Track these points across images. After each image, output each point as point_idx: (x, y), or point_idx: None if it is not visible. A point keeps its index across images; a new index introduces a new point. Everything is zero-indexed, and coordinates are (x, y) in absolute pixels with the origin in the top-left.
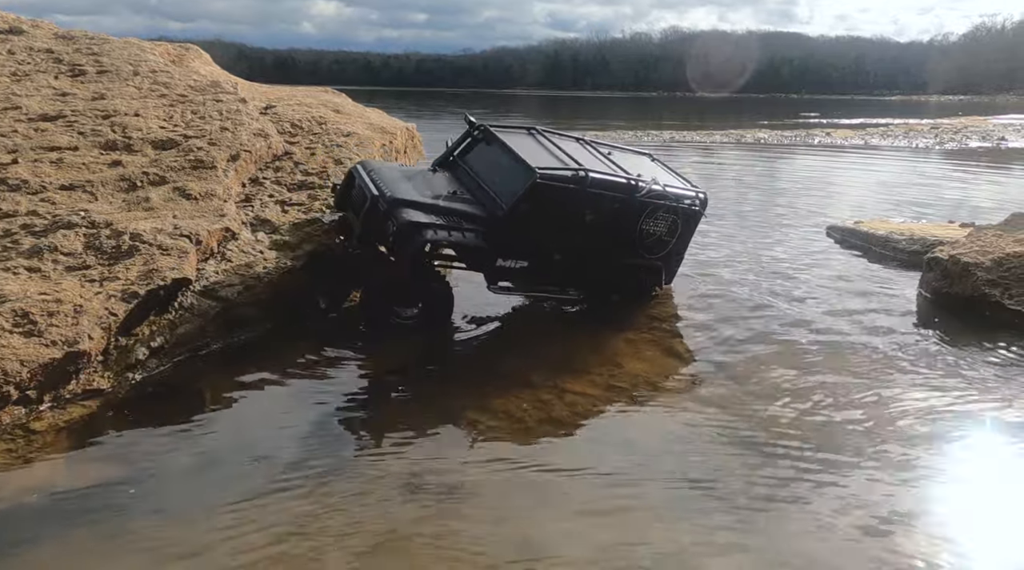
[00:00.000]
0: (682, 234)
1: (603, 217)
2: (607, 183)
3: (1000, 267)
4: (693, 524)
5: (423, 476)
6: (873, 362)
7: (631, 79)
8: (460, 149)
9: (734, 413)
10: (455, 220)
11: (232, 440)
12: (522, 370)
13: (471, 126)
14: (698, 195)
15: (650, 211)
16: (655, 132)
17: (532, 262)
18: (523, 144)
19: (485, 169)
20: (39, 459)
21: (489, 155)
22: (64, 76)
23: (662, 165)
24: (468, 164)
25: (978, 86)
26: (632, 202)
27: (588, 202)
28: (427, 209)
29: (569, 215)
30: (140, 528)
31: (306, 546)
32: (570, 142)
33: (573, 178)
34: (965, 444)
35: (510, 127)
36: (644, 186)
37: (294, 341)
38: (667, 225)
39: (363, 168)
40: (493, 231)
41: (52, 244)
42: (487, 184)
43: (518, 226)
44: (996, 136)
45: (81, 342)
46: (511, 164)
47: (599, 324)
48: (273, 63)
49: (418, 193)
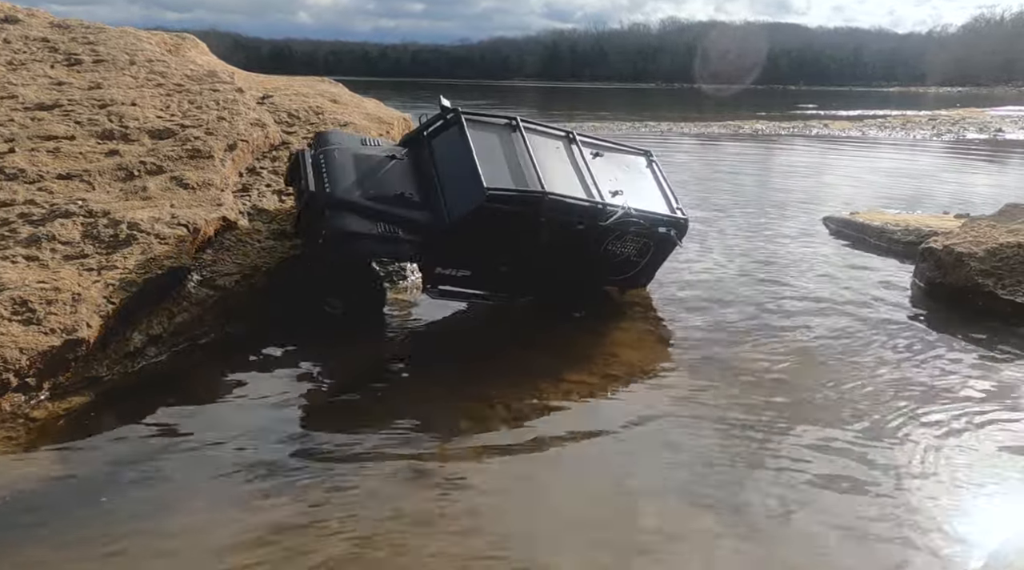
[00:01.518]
0: (654, 256)
1: (560, 238)
2: (567, 207)
3: (993, 257)
4: (692, 512)
5: (422, 465)
6: (866, 352)
7: (629, 70)
8: (431, 130)
9: (729, 400)
10: (392, 229)
11: (229, 428)
12: (520, 360)
13: (444, 110)
14: (677, 221)
15: (618, 235)
16: (652, 123)
17: (475, 272)
18: (490, 147)
19: (445, 164)
20: (39, 446)
21: (453, 149)
22: (60, 65)
23: (656, 170)
24: (433, 149)
25: (976, 77)
26: (595, 227)
27: (544, 224)
28: (366, 213)
29: (520, 235)
30: (139, 514)
31: (304, 534)
32: (551, 142)
33: (528, 200)
34: (948, 432)
35: (489, 118)
36: (612, 211)
37: (290, 331)
38: (637, 247)
39: (314, 150)
40: (435, 241)
41: (50, 233)
42: (440, 183)
43: (461, 241)
44: (993, 128)
45: (80, 330)
46: (467, 172)
47: (593, 315)
48: (269, 53)
49: (361, 192)
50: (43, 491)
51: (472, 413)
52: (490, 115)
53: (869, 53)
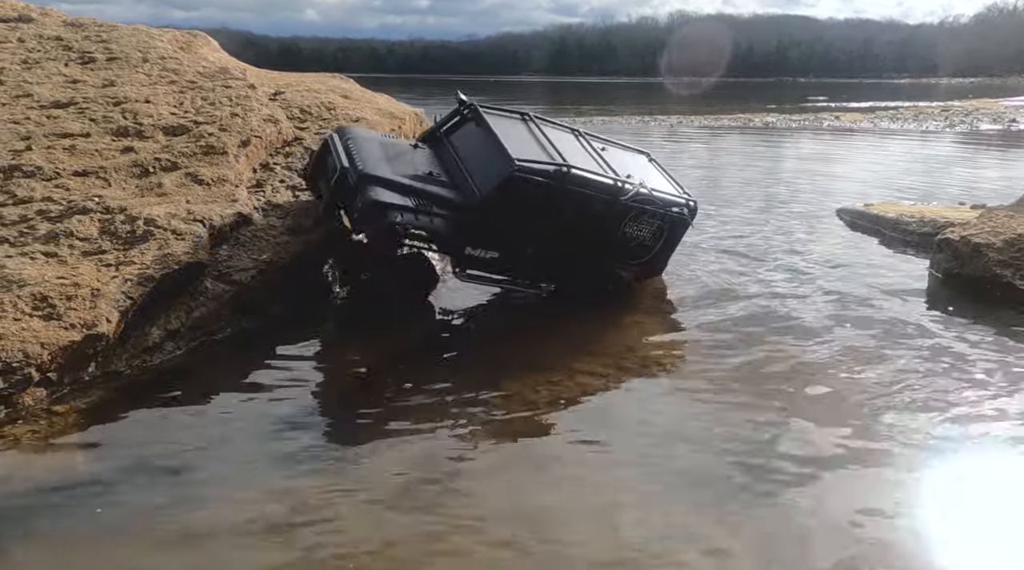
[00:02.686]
0: (667, 241)
1: (583, 216)
2: (590, 182)
3: (1012, 248)
4: (707, 505)
5: (438, 457)
6: (882, 343)
7: (638, 64)
8: (447, 126)
9: (744, 392)
10: (425, 203)
11: (247, 423)
12: (534, 352)
13: (460, 104)
14: (688, 202)
15: (635, 215)
16: (662, 117)
17: (503, 254)
18: (510, 131)
19: (467, 151)
20: (61, 440)
21: (474, 137)
22: (74, 63)
23: (658, 166)
24: (452, 143)
25: (989, 68)
26: (616, 204)
27: (567, 199)
28: (397, 189)
29: (546, 211)
30: (164, 506)
31: (317, 526)
32: (563, 133)
33: (553, 174)
34: (966, 429)
35: (503, 111)
36: (630, 189)
37: (306, 325)
38: (652, 231)
39: (340, 136)
40: (464, 218)
41: (68, 229)
42: (466, 168)
43: (490, 217)
44: (1007, 118)
45: (99, 325)
46: (492, 151)
47: (606, 307)
48: (278, 51)
49: (392, 170)
50: (66, 484)
51: (484, 405)
52: (503, 109)
53: (879, 44)
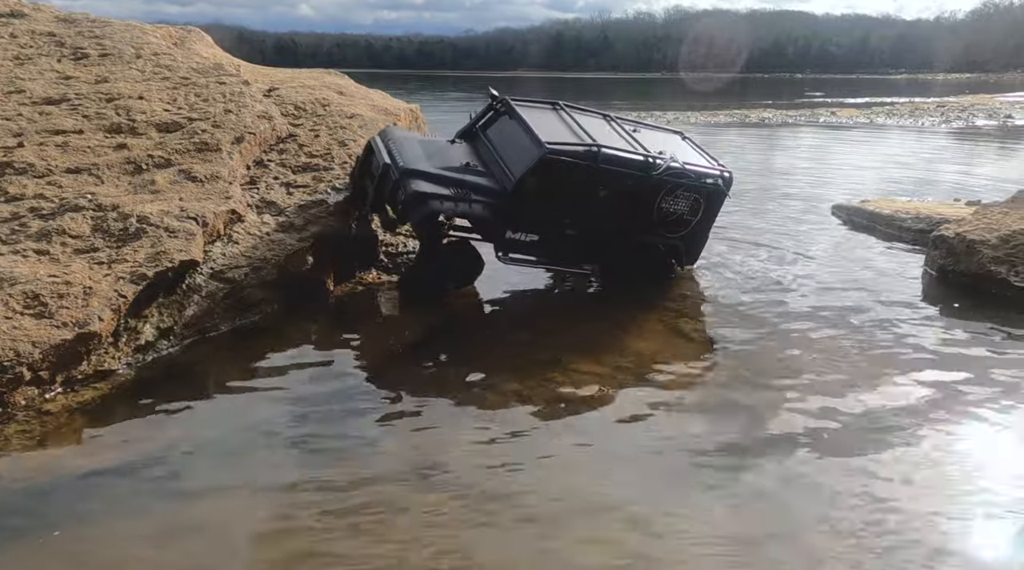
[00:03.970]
0: (705, 213)
1: (617, 194)
2: (621, 160)
3: (1007, 244)
4: (698, 505)
5: (429, 455)
6: (877, 341)
7: (634, 60)
8: (482, 122)
9: (739, 392)
10: (464, 192)
11: (241, 421)
12: (531, 350)
13: (493, 99)
14: (723, 174)
15: (669, 189)
16: (659, 113)
17: (543, 236)
18: (541, 119)
19: (502, 142)
20: (53, 440)
21: (507, 129)
22: (67, 59)
23: (692, 143)
24: (487, 137)
25: (985, 64)
26: (649, 180)
27: (600, 178)
28: (437, 180)
29: (580, 191)
30: (154, 507)
31: (313, 524)
32: (594, 119)
33: (585, 154)
34: (958, 422)
35: (534, 102)
36: (661, 164)
37: (300, 322)
38: (688, 204)
39: (381, 137)
40: (503, 203)
41: (60, 227)
42: (501, 157)
43: (527, 199)
44: (1003, 114)
45: (91, 323)
46: (524, 138)
47: (607, 305)
48: (274, 47)
49: (431, 164)
50: (58, 484)
51: (480, 402)
52: (534, 100)
53: (876, 40)
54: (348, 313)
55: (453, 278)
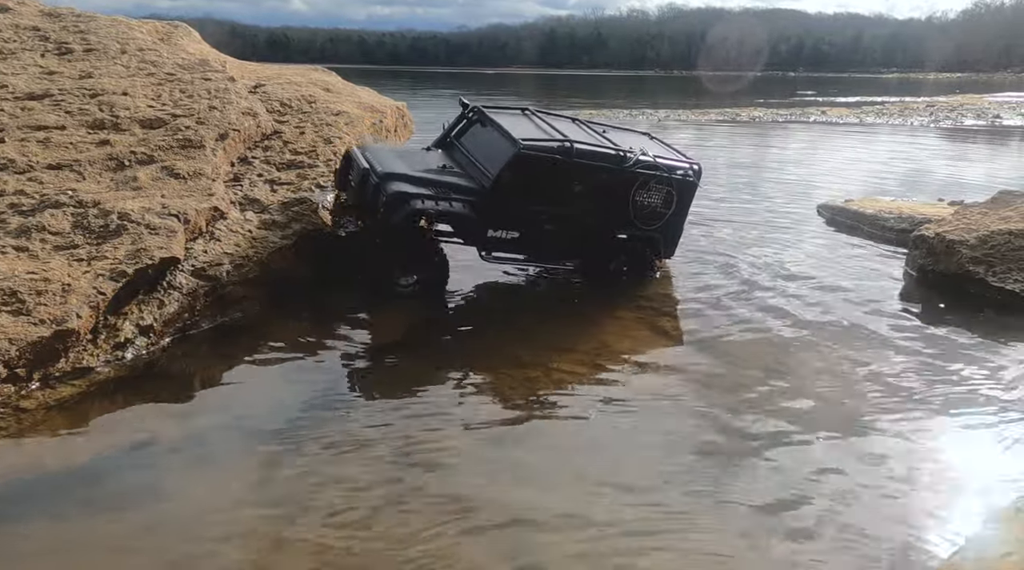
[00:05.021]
0: (678, 205)
1: (592, 188)
2: (593, 153)
3: (985, 245)
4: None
5: (411, 454)
6: (854, 340)
7: (627, 57)
8: (456, 130)
9: (717, 389)
10: (443, 191)
11: (221, 418)
12: (512, 349)
13: (465, 107)
14: (692, 166)
15: (642, 182)
16: (650, 111)
17: (523, 233)
18: (514, 122)
19: (476, 146)
20: (29, 437)
21: (481, 134)
22: (51, 54)
23: (659, 141)
24: (462, 144)
25: (976, 63)
26: (622, 173)
27: (574, 172)
28: (416, 181)
29: (556, 186)
30: (131, 505)
31: (296, 521)
32: (563, 121)
33: (558, 149)
34: (931, 415)
35: (503, 109)
36: (632, 157)
37: (283, 320)
38: (662, 196)
39: (359, 149)
40: (482, 202)
41: (40, 223)
42: (477, 159)
43: (505, 196)
44: (991, 114)
45: (69, 321)
46: (499, 139)
47: (588, 304)
48: (266, 41)
49: (408, 168)
50: (34, 481)
51: (461, 401)
52: (504, 107)
53: (868, 39)
54: (330, 311)
55: (425, 281)
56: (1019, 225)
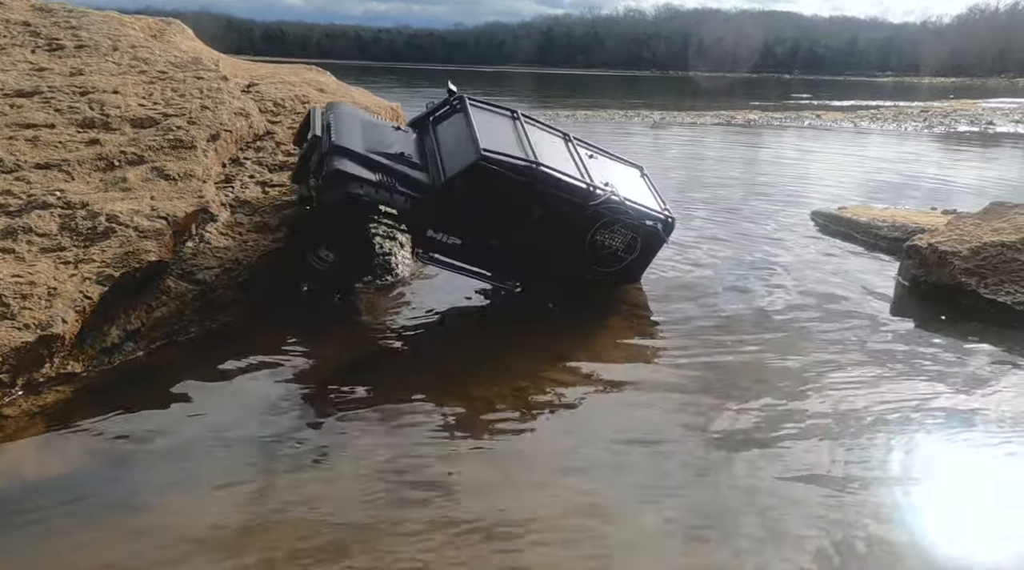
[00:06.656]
0: (641, 254)
1: (551, 217)
2: (558, 183)
3: (977, 256)
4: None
5: (398, 462)
6: (845, 351)
7: (624, 57)
8: (436, 115)
9: (708, 400)
10: (390, 180)
11: (210, 425)
12: (500, 357)
13: (451, 94)
14: (666, 218)
15: (606, 222)
16: (645, 112)
17: (466, 242)
18: (491, 125)
19: (446, 139)
20: (12, 444)
21: (455, 127)
22: (41, 51)
23: (648, 181)
24: (436, 131)
25: (970, 68)
26: (585, 208)
27: (534, 197)
28: (364, 162)
29: (511, 206)
30: (116, 514)
31: (283, 529)
32: (549, 135)
33: (521, 169)
34: (919, 432)
35: (492, 106)
36: (600, 195)
37: (273, 326)
38: (624, 241)
39: (324, 109)
40: (428, 201)
41: (26, 225)
42: (441, 154)
43: (452, 202)
44: (984, 120)
45: (55, 325)
46: (465, 139)
47: (578, 312)
48: (262, 36)
49: (364, 146)
50: (15, 488)
51: (448, 410)
52: (493, 104)
53: (863, 42)
54: (321, 317)
55: (344, 264)
56: (1012, 237)
